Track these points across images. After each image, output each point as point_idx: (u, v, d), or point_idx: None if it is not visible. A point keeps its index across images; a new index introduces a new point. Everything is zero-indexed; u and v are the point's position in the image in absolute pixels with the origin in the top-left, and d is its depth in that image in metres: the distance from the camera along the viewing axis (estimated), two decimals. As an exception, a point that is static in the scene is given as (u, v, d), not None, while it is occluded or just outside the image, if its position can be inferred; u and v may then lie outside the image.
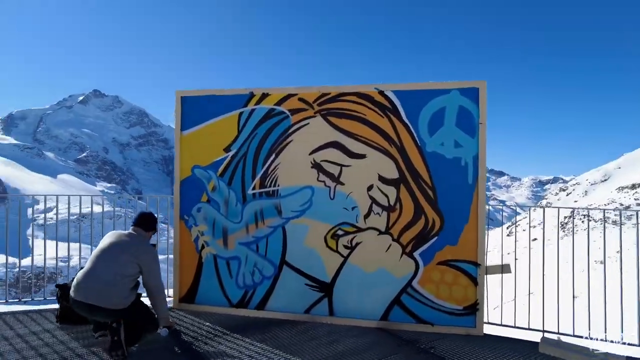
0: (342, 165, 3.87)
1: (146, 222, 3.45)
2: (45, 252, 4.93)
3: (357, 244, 3.86)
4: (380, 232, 3.82)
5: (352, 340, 3.51)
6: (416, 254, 3.79)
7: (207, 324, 3.83)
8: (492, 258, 4.25)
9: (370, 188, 3.83)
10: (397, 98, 3.82)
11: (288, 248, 4.00)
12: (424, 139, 3.77)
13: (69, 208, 4.90)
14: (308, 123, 3.95)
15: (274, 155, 4.00)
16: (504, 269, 3.82)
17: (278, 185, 4.00)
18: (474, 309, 3.68)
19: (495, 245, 10.77)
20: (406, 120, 3.80)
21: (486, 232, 3.78)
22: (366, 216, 3.83)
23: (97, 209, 5.04)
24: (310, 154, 3.92)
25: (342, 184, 3.87)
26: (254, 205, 4.05)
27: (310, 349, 3.31)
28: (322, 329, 3.77)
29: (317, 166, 3.91)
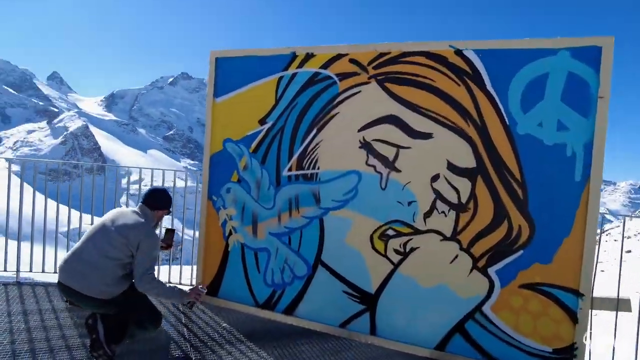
0: (399, 147, 3.01)
1: (153, 199, 2.92)
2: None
3: (412, 249, 3.01)
4: (445, 238, 2.92)
5: (394, 373, 2.71)
6: (491, 271, 2.84)
7: (224, 324, 3.27)
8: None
9: (435, 178, 2.93)
10: (479, 60, 2.85)
11: (325, 245, 3.26)
12: (515, 117, 2.77)
13: (154, 179, 4.64)
14: (359, 91, 3.13)
15: (315, 131, 3.25)
16: (620, 304, 2.72)
17: (318, 168, 3.26)
18: (569, 354, 2.67)
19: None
20: (491, 90, 2.83)
21: (596, 250, 2.71)
22: (427, 215, 2.96)
23: (180, 183, 4.71)
24: (360, 130, 3.12)
25: (398, 170, 3.02)
26: (289, 189, 3.36)
27: (338, 380, 2.58)
28: (359, 350, 3.01)
29: (367, 146, 3.09)
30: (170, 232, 3.28)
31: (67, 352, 2.61)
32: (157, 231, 3.12)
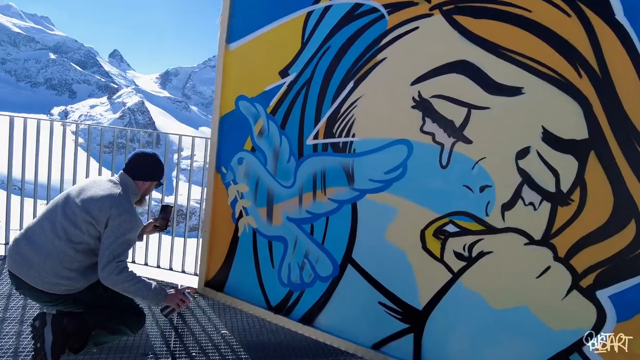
0: (471, 107, 2.10)
1: (137, 165, 2.24)
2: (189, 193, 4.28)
3: (480, 254, 2.12)
4: (532, 241, 2.01)
5: None
6: (603, 295, 1.91)
7: (224, 331, 2.57)
8: None
9: (523, 154, 2.00)
10: (610, -27, 1.85)
11: (358, 239, 2.45)
12: (665, 62, 1.77)
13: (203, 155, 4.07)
14: (417, 27, 2.22)
15: (351, 84, 2.40)
16: None
17: (353, 135, 2.41)
18: None
19: None
20: (623, 22, 1.83)
21: None
22: (507, 206, 2.05)
23: None
24: (415, 83, 2.22)
25: (468, 141, 2.11)
26: (314, 163, 2.55)
27: None
28: (397, 386, 2.21)
29: (423, 105, 2.20)
30: (166, 209, 2.59)
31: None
32: (144, 210, 2.46)
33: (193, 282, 3.16)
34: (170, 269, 3.33)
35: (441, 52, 2.15)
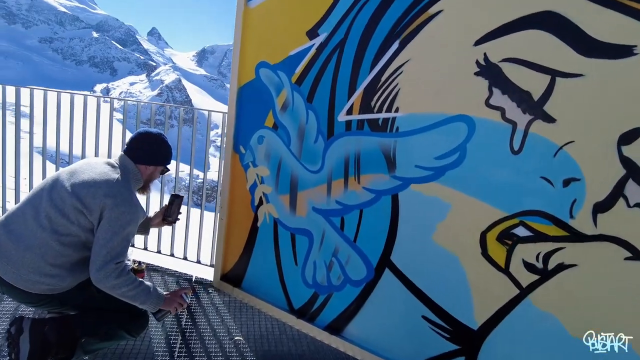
0: (556, 74, 1.57)
1: (140, 146, 1.89)
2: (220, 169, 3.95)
3: (560, 266, 1.63)
4: (636, 255, 1.50)
5: None
6: None
7: (238, 338, 2.23)
8: None
9: (629, 137, 1.47)
10: None
11: (399, 238, 2.01)
12: None
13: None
14: (486, -33, 1.70)
15: (396, 45, 1.91)
16: None
17: (396, 110, 1.94)
18: None
19: None
20: None
21: None
22: (602, 207, 1.53)
23: None
24: (479, 43, 1.71)
25: (550, 119, 1.59)
26: (347, 144, 2.11)
27: None
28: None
29: (490, 71, 1.69)
30: (175, 199, 2.23)
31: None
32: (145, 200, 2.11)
33: (208, 274, 2.85)
34: (185, 258, 3.03)
35: (517, 0, 1.62)
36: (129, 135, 3.11)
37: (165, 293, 1.81)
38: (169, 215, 2.18)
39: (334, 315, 2.26)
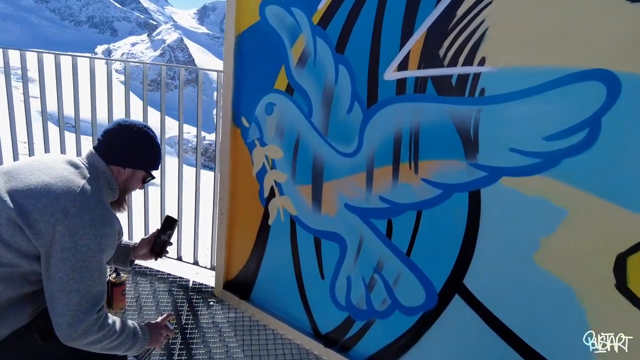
0: None
1: (114, 143, 1.29)
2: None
3: None
4: None
5: None
6: None
7: (248, 380, 1.67)
8: None
9: None
10: None
11: (478, 255, 1.36)
12: None
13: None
14: None
15: (487, -46, 1.18)
16: None
17: (481, 62, 1.24)
18: None
19: None
20: None
21: None
22: None
23: None
24: None
25: None
26: (398, 114, 1.42)
27: None
28: None
29: (671, -12, 0.98)
30: (170, 224, 1.57)
31: None
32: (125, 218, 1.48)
33: (209, 278, 2.27)
34: (179, 258, 2.44)
35: None
36: (135, 101, 2.46)
37: (145, 326, 1.33)
38: (159, 245, 1.55)
39: (376, 349, 1.68)
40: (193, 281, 2.28)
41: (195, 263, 2.38)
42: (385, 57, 1.41)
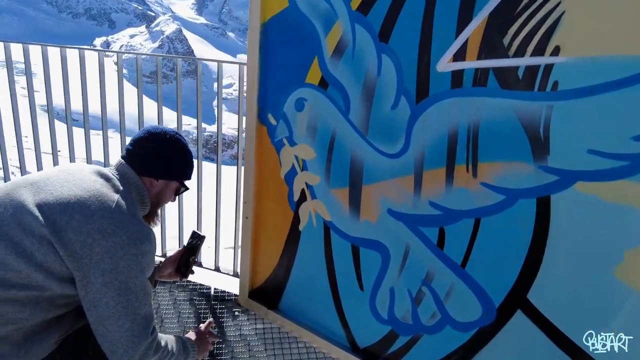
0: None
1: (147, 152, 1.18)
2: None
3: None
4: None
5: None
6: None
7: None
8: None
9: None
10: None
11: (546, 267, 1.22)
12: None
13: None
14: None
15: None
16: None
17: (555, 52, 1.08)
18: None
19: None
20: None
21: None
22: None
23: None
24: None
25: None
26: (454, 110, 1.27)
27: None
28: None
29: None
30: (198, 242, 1.48)
31: None
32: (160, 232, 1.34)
33: (231, 286, 2.14)
34: (199, 264, 2.30)
35: None
36: (130, 91, 2.34)
37: (189, 336, 1.32)
38: (185, 264, 1.44)
39: (422, 366, 1.54)
40: (215, 289, 2.15)
41: (217, 269, 2.25)
42: (439, 46, 1.25)
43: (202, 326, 1.39)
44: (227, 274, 2.22)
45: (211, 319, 1.47)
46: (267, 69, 1.68)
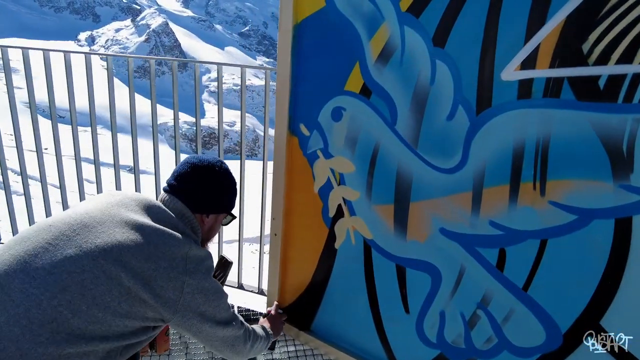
0: None
1: (198, 190, 1.15)
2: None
3: None
4: None
5: None
6: None
7: None
8: None
9: None
10: None
11: (624, 292, 1.12)
12: None
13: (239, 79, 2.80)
14: None
15: None
16: None
17: (655, 57, 0.97)
18: None
19: None
20: None
21: None
22: None
23: (257, 81, 2.96)
24: None
25: None
26: (520, 122, 1.16)
27: None
28: None
29: None
30: (224, 266, 1.48)
31: None
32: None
33: (256, 304, 2.03)
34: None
35: None
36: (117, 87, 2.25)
37: (263, 322, 1.59)
38: None
39: (476, 394, 1.45)
40: (238, 307, 2.03)
41: (240, 287, 2.13)
42: (504, 52, 1.14)
43: (271, 309, 1.69)
44: (252, 291, 2.10)
45: (276, 302, 1.73)
46: (299, 75, 1.55)
